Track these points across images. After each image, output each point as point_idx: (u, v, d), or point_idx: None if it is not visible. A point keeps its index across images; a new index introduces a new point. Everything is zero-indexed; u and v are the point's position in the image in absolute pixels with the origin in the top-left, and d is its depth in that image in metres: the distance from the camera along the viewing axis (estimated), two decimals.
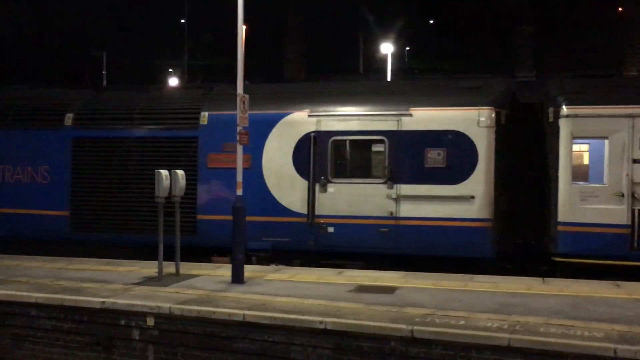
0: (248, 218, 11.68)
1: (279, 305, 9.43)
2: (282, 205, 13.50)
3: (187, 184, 13.10)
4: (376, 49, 36.63)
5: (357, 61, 42.15)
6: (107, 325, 9.77)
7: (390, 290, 10.59)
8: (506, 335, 7.81)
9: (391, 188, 13.10)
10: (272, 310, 9.12)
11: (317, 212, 13.37)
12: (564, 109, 12.49)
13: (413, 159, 13.06)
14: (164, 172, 11.59)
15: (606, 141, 12.36)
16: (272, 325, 8.83)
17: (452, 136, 12.88)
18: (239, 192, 11.60)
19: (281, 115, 13.63)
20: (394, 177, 13.08)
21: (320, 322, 8.60)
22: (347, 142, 13.54)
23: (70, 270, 12.53)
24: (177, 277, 11.75)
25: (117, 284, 11.15)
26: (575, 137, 12.46)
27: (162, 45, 46.72)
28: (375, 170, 13.44)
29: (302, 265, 13.54)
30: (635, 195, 12.09)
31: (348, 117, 13.47)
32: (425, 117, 13.11)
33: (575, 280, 11.53)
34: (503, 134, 12.99)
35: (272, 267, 13.07)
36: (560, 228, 12.40)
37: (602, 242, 12.16)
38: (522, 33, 37.90)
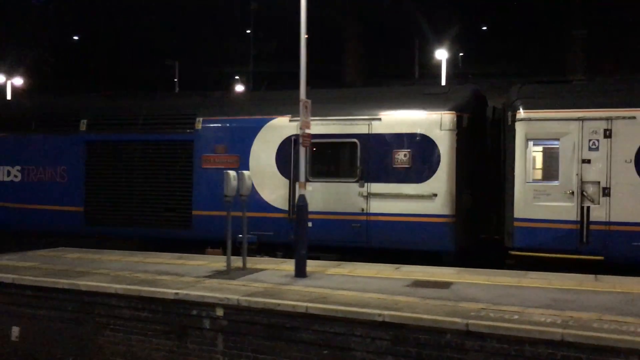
0: (236, 213, 12.04)
1: (339, 298, 9.45)
2: (267, 202, 14.09)
3: (183, 182, 14.97)
4: (431, 55, 36.28)
5: (412, 66, 41.81)
6: (180, 315, 9.96)
7: (445, 285, 10.49)
8: (559, 330, 7.64)
9: (362, 187, 13.64)
10: (333, 303, 9.15)
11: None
12: (521, 113, 12.92)
13: (382, 159, 13.60)
14: (232, 173, 11.74)
15: (556, 142, 12.76)
16: (333, 317, 8.87)
17: (416, 139, 13.42)
18: (302, 191, 11.66)
19: (266, 120, 14.39)
20: (365, 177, 13.64)
21: (379, 315, 8.58)
22: (324, 144, 14.06)
23: (146, 264, 12.83)
24: (244, 270, 11.90)
25: (189, 276, 11.36)
26: (529, 138, 12.80)
27: (230, 54, 47.34)
28: (349, 170, 13.99)
29: (284, 256, 13.90)
30: (584, 193, 12.48)
31: (324, 122, 13.91)
32: (393, 121, 13.66)
33: (627, 277, 11.21)
34: (465, 136, 13.42)
35: (333, 262, 13.11)
36: (516, 224, 12.83)
37: (554, 237, 12.55)
38: (575, 37, 36.94)
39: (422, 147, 13.36)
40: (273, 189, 14.23)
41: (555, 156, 12.83)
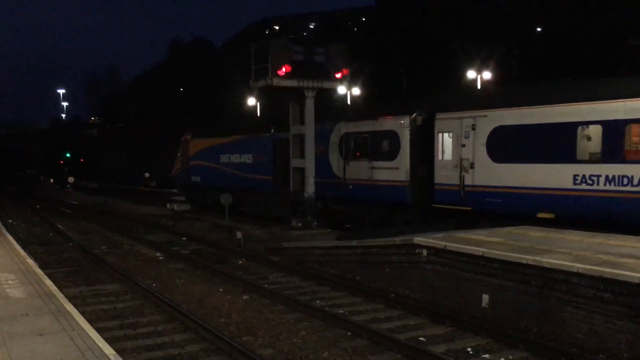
0: (324, 180, 22.24)
1: None
2: (335, 173, 22.55)
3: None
4: None
5: None
6: None
7: None
8: None
9: (370, 163, 21.05)
10: None
11: (346, 177, 22.04)
12: (436, 115, 19.17)
13: (378, 146, 20.77)
14: None
15: (450, 133, 18.58)
16: None
17: (390, 133, 20.30)
18: None
19: (334, 125, 22.76)
20: (371, 157, 20.99)
21: None
22: (356, 137, 21.78)
23: (608, 246, 12.20)
24: None
25: None
26: (439, 131, 19.00)
27: None
28: (365, 153, 21.29)
29: (335, 204, 22.70)
30: (462, 166, 18.08)
31: (355, 124, 21.81)
32: (383, 122, 20.75)
33: None
34: (417, 131, 19.73)
35: None
36: (435, 187, 19.00)
37: (451, 195, 18.38)
38: None
39: (393, 138, 20.21)
40: (337, 165, 22.42)
41: (450, 142, 18.62)
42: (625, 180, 14.46)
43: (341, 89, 33.73)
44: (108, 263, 17.38)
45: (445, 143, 18.77)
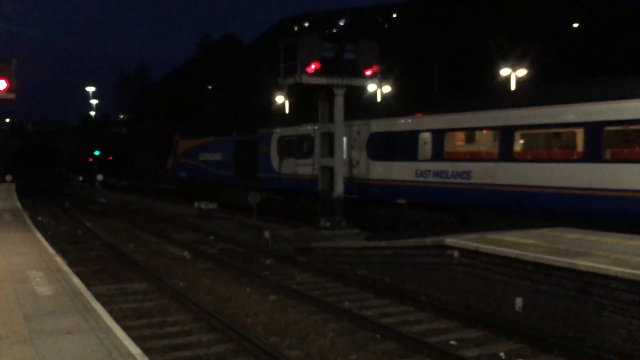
0: (268, 175, 28.57)
1: None
2: (274, 169, 27.75)
3: (254, 160, 29.82)
4: None
5: None
6: None
7: None
8: None
9: (295, 161, 26.35)
10: None
11: (281, 172, 27.30)
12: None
13: (300, 147, 26.03)
14: None
15: (346, 137, 23.21)
16: None
17: (308, 137, 25.63)
18: None
19: (274, 129, 28.26)
20: (296, 156, 26.32)
21: None
22: (287, 140, 27.15)
23: None
24: None
25: None
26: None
27: None
28: (293, 153, 26.65)
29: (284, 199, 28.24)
30: (352, 163, 23.41)
31: (287, 129, 27.49)
32: (303, 128, 26.29)
33: None
34: (328, 137, 23.69)
35: None
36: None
37: (346, 186, 22.66)
38: None
39: (309, 141, 25.31)
40: (276, 162, 27.62)
41: (345, 144, 23.22)
42: (444, 174, 19.77)
43: (371, 87, 33.65)
44: (135, 261, 17.56)
45: (344, 145, 23.43)
